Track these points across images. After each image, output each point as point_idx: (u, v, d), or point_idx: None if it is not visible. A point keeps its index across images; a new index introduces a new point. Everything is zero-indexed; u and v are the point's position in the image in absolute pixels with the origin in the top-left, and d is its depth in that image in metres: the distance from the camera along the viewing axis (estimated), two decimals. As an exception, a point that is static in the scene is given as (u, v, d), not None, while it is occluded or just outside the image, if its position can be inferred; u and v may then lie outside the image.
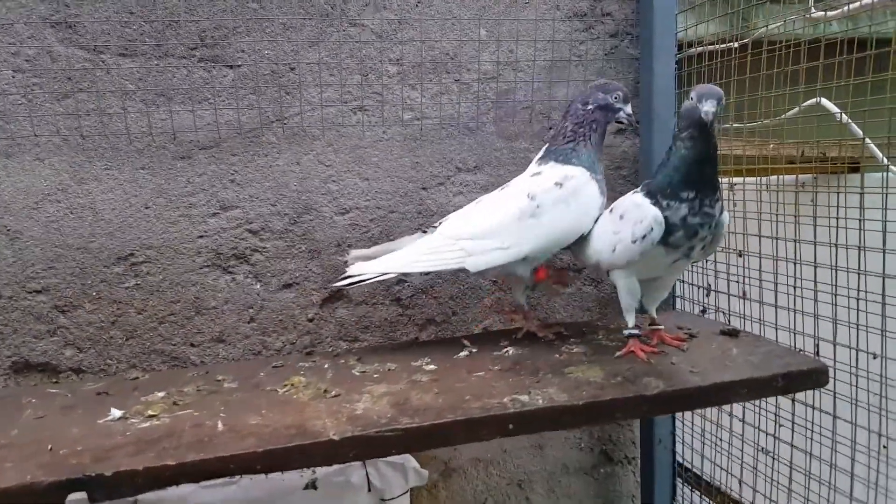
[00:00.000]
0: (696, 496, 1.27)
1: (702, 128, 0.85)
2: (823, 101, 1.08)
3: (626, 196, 0.95)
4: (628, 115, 1.01)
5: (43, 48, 1.06)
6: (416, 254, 0.98)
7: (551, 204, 0.94)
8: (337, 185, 1.18)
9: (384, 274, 0.98)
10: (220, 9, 1.10)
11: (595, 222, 0.97)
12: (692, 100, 0.86)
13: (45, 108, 1.07)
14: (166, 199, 1.12)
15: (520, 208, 0.95)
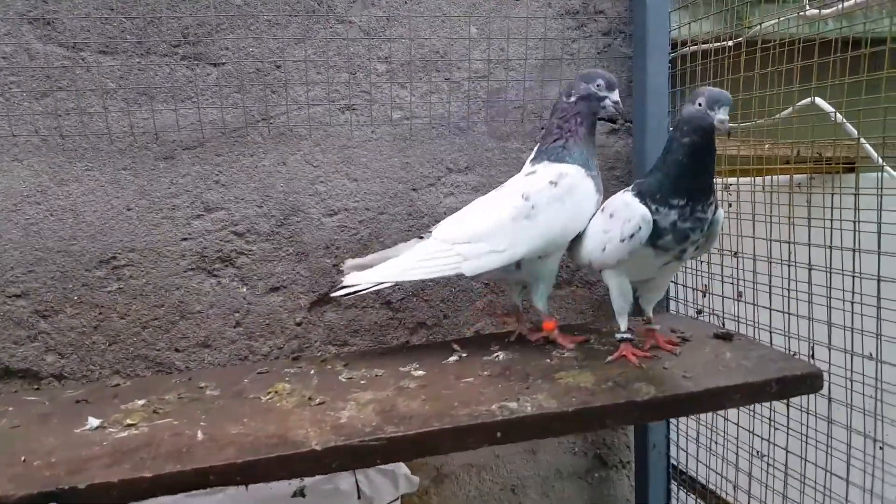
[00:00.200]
0: (692, 500, 1.25)
1: (706, 136, 0.82)
2: (818, 100, 1.06)
3: (618, 195, 0.93)
4: (615, 103, 0.95)
5: (20, 45, 1.03)
6: (411, 261, 0.96)
7: (546, 203, 0.92)
8: (325, 185, 1.16)
9: (380, 284, 0.96)
10: (203, 5, 1.07)
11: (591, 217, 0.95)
12: (699, 105, 0.81)
13: (23, 107, 1.04)
14: (149, 200, 1.10)
15: (515, 209, 0.93)
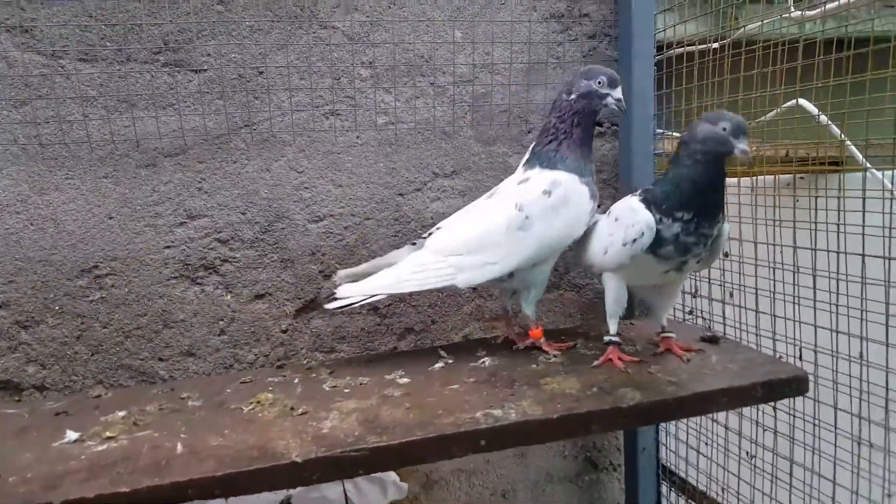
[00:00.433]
0: (683, 501, 1.25)
1: (722, 160, 0.82)
2: (802, 101, 1.06)
3: (625, 199, 0.93)
4: (617, 101, 0.91)
5: (-2, 53, 1.02)
6: (404, 273, 0.94)
7: (540, 214, 0.91)
8: (310, 192, 1.15)
9: (374, 296, 0.95)
10: (183, 12, 1.06)
11: (587, 226, 0.95)
12: (723, 130, 0.81)
13: (1, 115, 1.03)
14: (131, 208, 1.09)
15: (508, 220, 0.91)
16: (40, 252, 1.06)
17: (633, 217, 0.87)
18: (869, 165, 0.99)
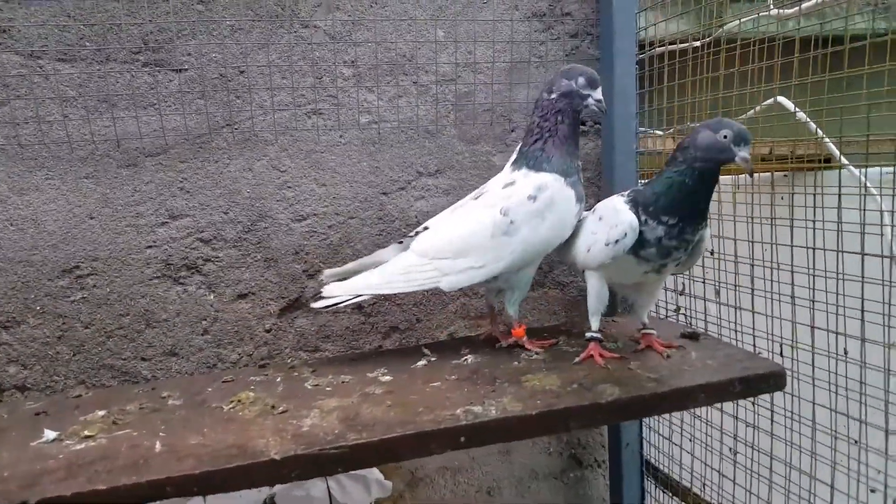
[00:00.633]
0: (667, 497, 1.26)
1: (719, 167, 0.83)
2: (781, 99, 1.07)
3: (611, 198, 0.94)
4: (597, 102, 0.91)
5: (-24, 53, 1.01)
6: (390, 274, 0.95)
7: (525, 218, 0.90)
8: (293, 191, 1.15)
9: (359, 296, 0.95)
10: (163, 11, 1.06)
11: (573, 229, 0.95)
12: (724, 137, 0.80)
13: (-21, 115, 1.02)
14: (112, 208, 1.08)
15: (493, 225, 0.91)
16: (21, 252, 1.06)
17: (616, 217, 0.88)
18: (846, 162, 1.01)
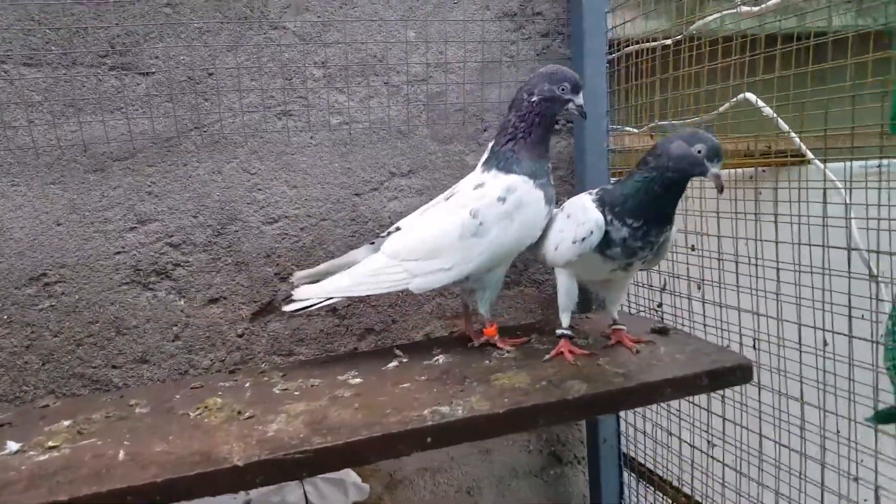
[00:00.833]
0: (649, 491, 1.26)
1: (688, 179, 0.83)
2: (748, 95, 1.08)
3: (580, 196, 0.94)
4: (579, 107, 0.92)
5: (-64, 59, 1.00)
6: (360, 276, 0.95)
7: (494, 220, 0.91)
8: (263, 193, 1.14)
9: (330, 298, 0.95)
10: (130, 14, 1.05)
11: (542, 230, 0.95)
12: (698, 152, 0.80)
13: (-59, 122, 1.01)
14: (79, 214, 1.07)
15: (462, 227, 0.91)
16: (-14, 260, 1.04)
17: (583, 215, 0.88)
18: (812, 156, 1.02)
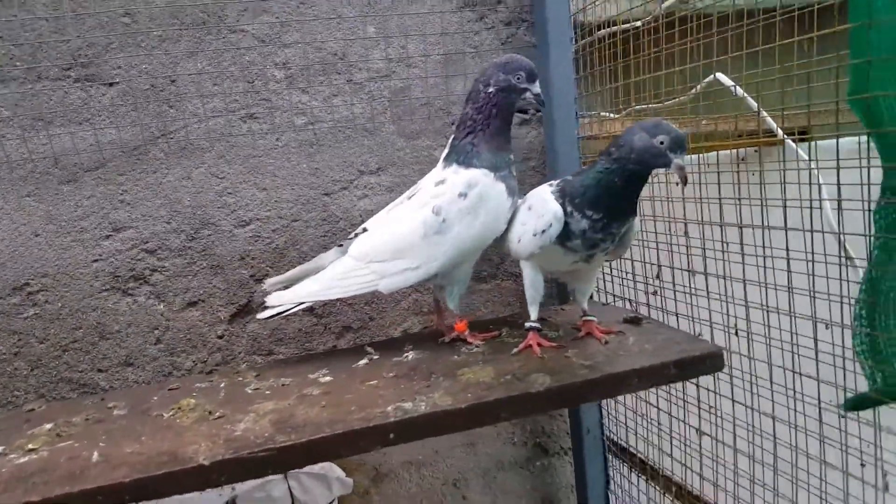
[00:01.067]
0: (637, 478, 1.27)
1: (650, 171, 0.82)
2: (719, 75, 1.05)
3: (541, 187, 0.93)
4: (536, 96, 0.90)
5: None
6: (329, 280, 0.95)
7: (457, 216, 0.90)
8: (233, 197, 1.16)
9: (301, 304, 0.96)
10: (90, 26, 1.06)
11: (507, 223, 0.94)
12: (660, 143, 0.78)
13: (-83, 141, 1.04)
14: (56, 224, 1.10)
15: (425, 225, 0.91)
16: (-29, 273, 1.08)
17: (543, 207, 0.88)
18: (785, 136, 0.99)
